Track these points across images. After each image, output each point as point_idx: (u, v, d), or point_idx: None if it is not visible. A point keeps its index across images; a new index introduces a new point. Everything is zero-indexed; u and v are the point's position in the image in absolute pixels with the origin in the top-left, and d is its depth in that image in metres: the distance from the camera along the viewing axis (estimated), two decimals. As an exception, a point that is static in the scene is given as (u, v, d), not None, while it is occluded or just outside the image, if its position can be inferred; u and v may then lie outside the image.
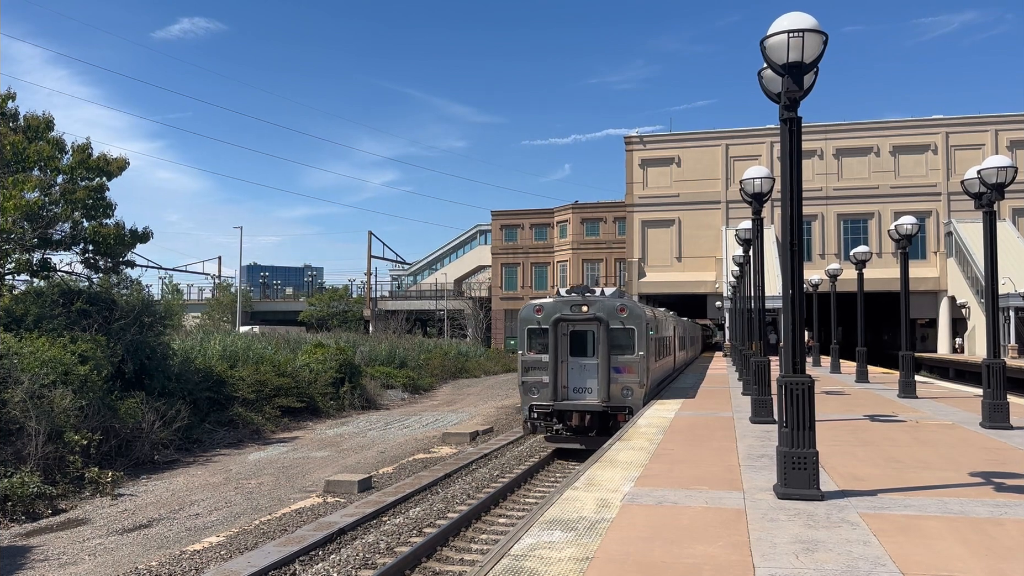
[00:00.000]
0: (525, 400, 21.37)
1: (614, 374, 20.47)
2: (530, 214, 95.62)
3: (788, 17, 8.90)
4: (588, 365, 21.04)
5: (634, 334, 20.60)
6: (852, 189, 68.20)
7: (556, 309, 21.09)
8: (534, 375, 21.08)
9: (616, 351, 20.54)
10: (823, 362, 40.91)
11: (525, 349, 21.34)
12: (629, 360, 20.51)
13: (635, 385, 20.48)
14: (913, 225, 21.91)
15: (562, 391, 21.02)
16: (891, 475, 10.57)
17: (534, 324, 21.31)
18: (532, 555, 6.96)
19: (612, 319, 20.58)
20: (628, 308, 20.90)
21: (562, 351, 21.04)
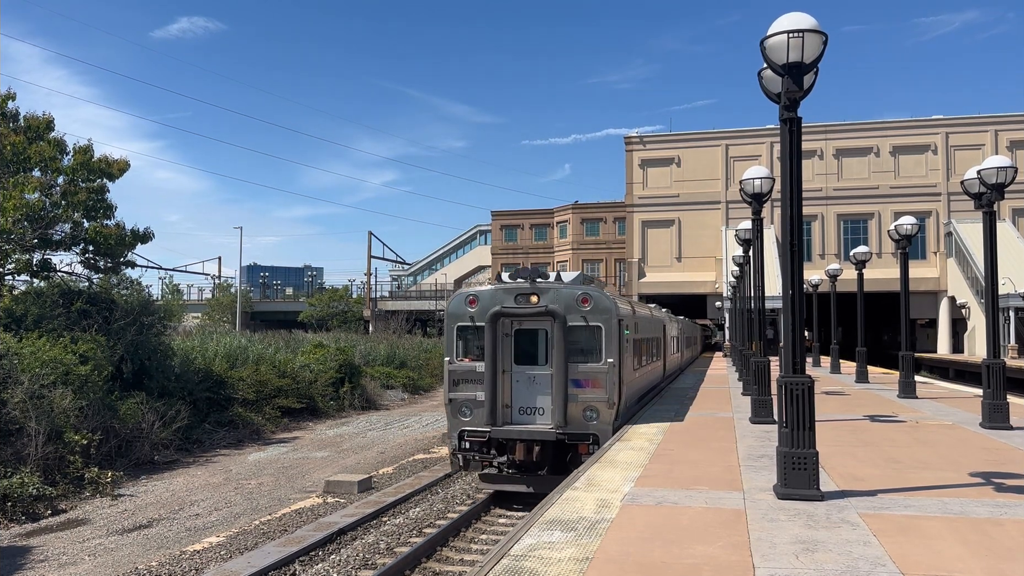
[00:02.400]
0: (453, 424, 15.78)
1: (573, 389, 15.23)
2: (530, 214, 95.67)
3: (788, 17, 8.91)
4: (539, 377, 15.65)
5: (601, 334, 15.31)
6: (852, 189, 68.21)
7: (495, 300, 15.62)
8: (465, 390, 15.66)
9: (576, 357, 15.36)
10: (823, 362, 40.92)
11: (454, 354, 15.90)
12: (594, 370, 15.22)
13: (601, 404, 15.14)
14: (913, 225, 21.91)
15: (503, 412, 15.60)
16: (891, 475, 10.57)
17: (466, 321, 15.92)
18: (532, 555, 6.96)
19: (571, 314, 15.32)
20: (593, 299, 15.46)
21: (503, 358, 15.64)
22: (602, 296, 15.69)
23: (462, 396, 15.72)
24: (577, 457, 14.82)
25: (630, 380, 17.13)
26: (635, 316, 18.64)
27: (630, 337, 17.23)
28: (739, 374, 29.27)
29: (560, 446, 15.31)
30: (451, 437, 15.89)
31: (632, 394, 17.76)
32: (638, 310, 20.50)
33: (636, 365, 18.42)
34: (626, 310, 17.16)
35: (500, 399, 15.51)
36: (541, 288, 15.59)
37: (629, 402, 17.26)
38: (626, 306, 17.77)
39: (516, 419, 15.78)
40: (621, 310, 16.08)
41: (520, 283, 15.80)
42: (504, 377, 15.72)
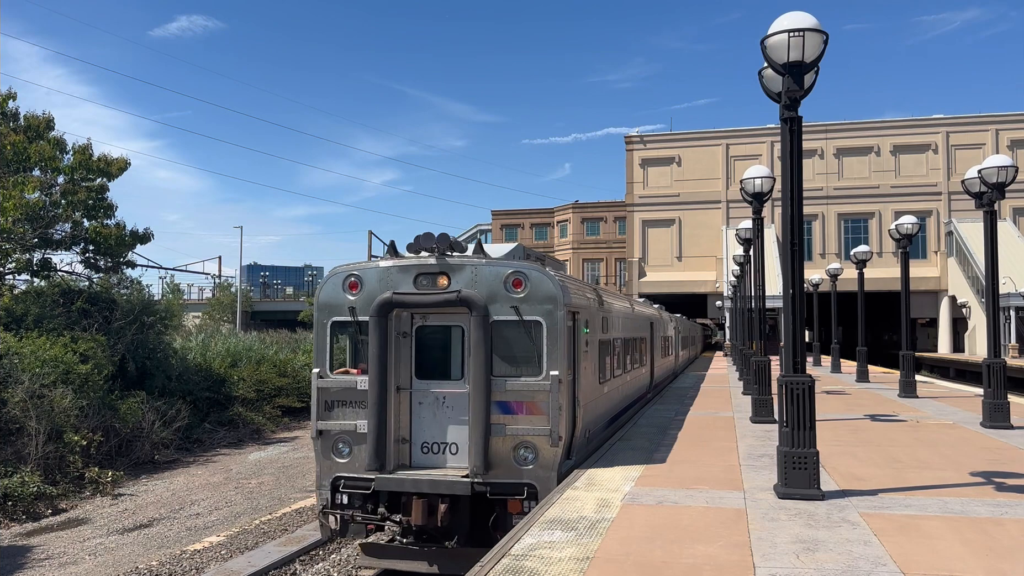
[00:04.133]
0: (324, 468, 10.81)
1: (500, 416, 10.37)
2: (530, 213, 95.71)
3: (789, 16, 8.90)
4: (450, 398, 10.82)
5: (541, 333, 10.39)
6: (852, 189, 68.20)
7: (386, 283, 10.75)
8: (342, 417, 10.77)
9: (506, 369, 10.49)
10: (823, 362, 40.92)
11: (326, 364, 10.94)
12: (530, 388, 10.32)
13: (541, 438, 10.25)
14: (913, 225, 21.91)
15: (397, 451, 10.75)
16: (892, 475, 10.57)
17: (344, 314, 10.92)
18: (532, 555, 6.96)
19: (497, 303, 10.44)
20: (530, 281, 10.45)
21: (398, 369, 10.85)
22: (543, 278, 10.40)
23: (337, 426, 10.66)
24: (506, 518, 10.11)
25: (592, 399, 12.42)
26: (602, 308, 13.60)
27: (592, 338, 12.49)
28: (739, 373, 29.28)
29: (479, 503, 10.27)
30: (321, 487, 10.75)
31: (597, 418, 13.05)
32: (609, 300, 15.09)
33: (604, 376, 13.73)
34: (585, 299, 12.10)
35: (392, 431, 10.54)
36: (452, 265, 10.54)
37: (592, 429, 12.53)
38: (587, 294, 12.70)
39: (417, 461, 10.79)
40: (574, 298, 11.01)
41: (423, 258, 10.69)
42: (399, 398, 10.75)
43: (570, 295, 10.81)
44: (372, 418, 10.36)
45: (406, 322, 10.96)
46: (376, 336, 10.47)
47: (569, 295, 10.75)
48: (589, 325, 12.22)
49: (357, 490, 10.58)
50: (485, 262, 10.61)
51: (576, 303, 11.18)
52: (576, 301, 11.20)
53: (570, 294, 10.85)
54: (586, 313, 11.99)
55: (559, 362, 10.28)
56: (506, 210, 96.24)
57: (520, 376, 10.33)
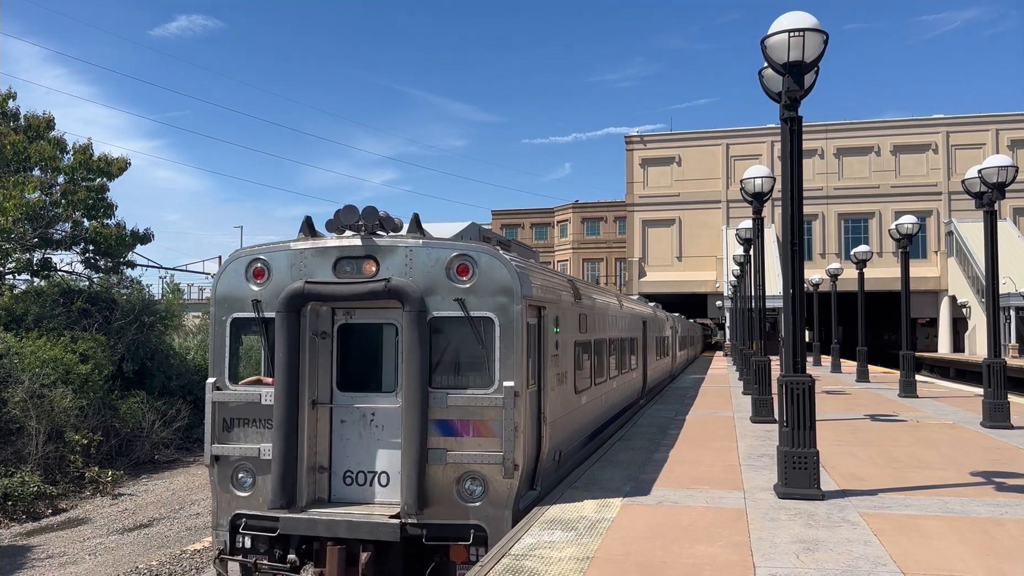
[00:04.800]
0: (222, 503, 8.86)
1: (440, 439, 8.40)
2: (530, 213, 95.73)
3: (789, 16, 8.90)
4: (380, 415, 8.85)
5: (493, 333, 8.41)
6: (853, 188, 68.21)
7: (299, 270, 8.78)
8: (244, 439, 8.81)
9: (448, 378, 8.61)
10: (823, 362, 40.93)
11: (224, 372, 8.93)
12: (477, 403, 8.35)
13: (491, 468, 8.26)
14: (914, 224, 21.92)
15: (311, 483, 8.76)
16: (892, 475, 10.57)
17: (246, 310, 8.94)
18: (532, 555, 6.95)
19: (438, 295, 8.49)
20: (479, 267, 8.47)
21: (314, 379, 8.87)
22: (496, 263, 8.38)
23: (237, 451, 8.66)
24: (447, 569, 8.28)
25: (565, 413, 10.43)
26: (579, 304, 11.66)
27: (566, 339, 10.56)
28: (740, 373, 29.29)
29: (413, 550, 8.30)
30: (217, 527, 8.80)
31: (573, 434, 11.10)
32: (591, 295, 13.08)
33: (583, 384, 11.84)
34: (554, 292, 10.06)
35: (305, 457, 8.51)
36: (382, 247, 8.54)
37: (566, 448, 10.61)
38: (558, 286, 10.53)
39: (339, 494, 8.75)
40: (538, 291, 9.03)
41: (346, 238, 8.70)
42: (316, 415, 8.75)
43: (532, 286, 8.74)
44: (278, 441, 8.25)
45: (326, 319, 8.88)
46: (284, 337, 8.35)
47: (530, 286, 8.66)
48: (561, 323, 10.24)
49: (262, 531, 8.49)
50: (423, 243, 8.48)
51: (541, 296, 9.21)
52: (541, 294, 9.22)
53: (532, 285, 8.76)
54: (556, 309, 9.98)
55: (516, 370, 8.20)
56: (506, 210, 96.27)
57: (466, 388, 8.29)
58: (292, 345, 8.45)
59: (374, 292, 8.37)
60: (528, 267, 9.25)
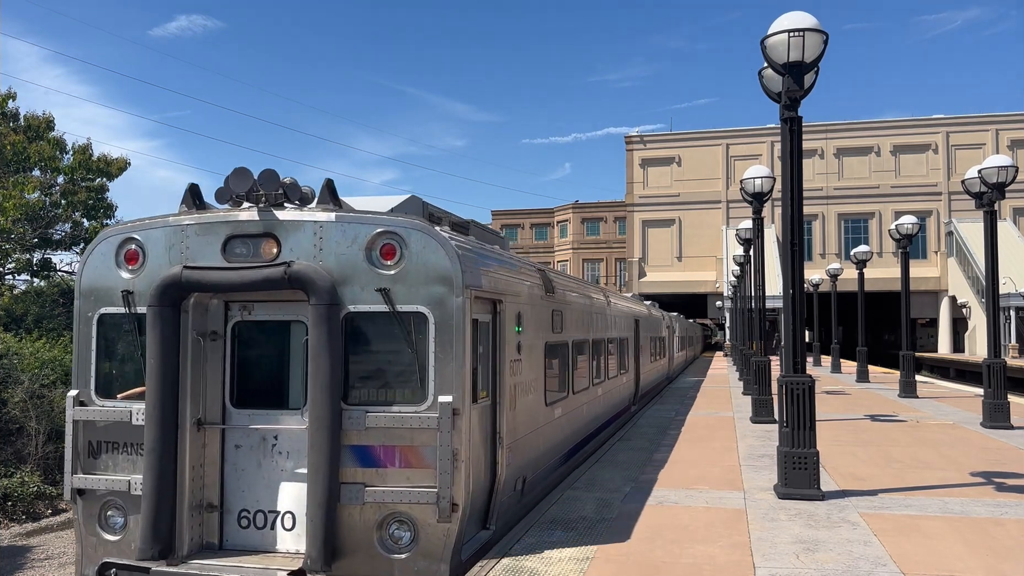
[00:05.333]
0: (87, 547, 7.10)
1: (354, 469, 6.63)
2: (530, 214, 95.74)
3: (788, 16, 8.90)
4: (284, 437, 7.00)
5: (427, 333, 6.63)
6: (852, 189, 68.20)
7: (181, 252, 6.97)
8: (111, 469, 7.05)
9: (367, 391, 6.79)
10: (823, 362, 40.93)
11: (89, 382, 7.17)
12: (405, 422, 6.55)
13: (423, 508, 6.47)
14: (914, 225, 21.93)
15: (202, 523, 6.96)
16: (892, 475, 10.57)
17: (115, 303, 7.17)
18: (532, 555, 6.95)
19: (354, 284, 6.70)
20: (408, 248, 6.66)
21: (200, 392, 7.03)
22: (431, 243, 6.66)
23: (104, 484, 6.99)
24: None
25: (532, 430, 8.75)
26: (551, 299, 9.89)
27: (534, 340, 8.92)
28: (740, 374, 29.29)
29: None
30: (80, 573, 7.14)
31: (543, 454, 9.40)
32: (568, 289, 11.34)
33: (559, 393, 10.21)
34: (516, 282, 8.37)
35: (187, 491, 6.79)
36: (285, 223, 6.81)
37: (534, 473, 8.89)
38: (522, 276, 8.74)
39: (233, 539, 6.99)
40: (490, 279, 7.41)
41: (240, 211, 6.95)
42: (204, 438, 6.98)
43: (481, 274, 7.06)
44: (149, 472, 6.54)
45: (217, 316, 7.03)
46: (158, 338, 6.62)
47: (478, 273, 6.96)
48: (526, 321, 8.55)
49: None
50: (336, 217, 6.68)
51: (496, 288, 7.48)
52: (496, 284, 7.49)
53: (481, 272, 7.07)
54: (518, 304, 8.28)
55: (455, 380, 6.46)
56: (506, 210, 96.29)
57: (391, 404, 6.53)
58: (168, 348, 6.62)
59: (270, 280, 6.51)
60: (478, 250, 7.40)
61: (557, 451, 10.21)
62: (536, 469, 9.02)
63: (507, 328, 7.80)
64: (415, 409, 6.49)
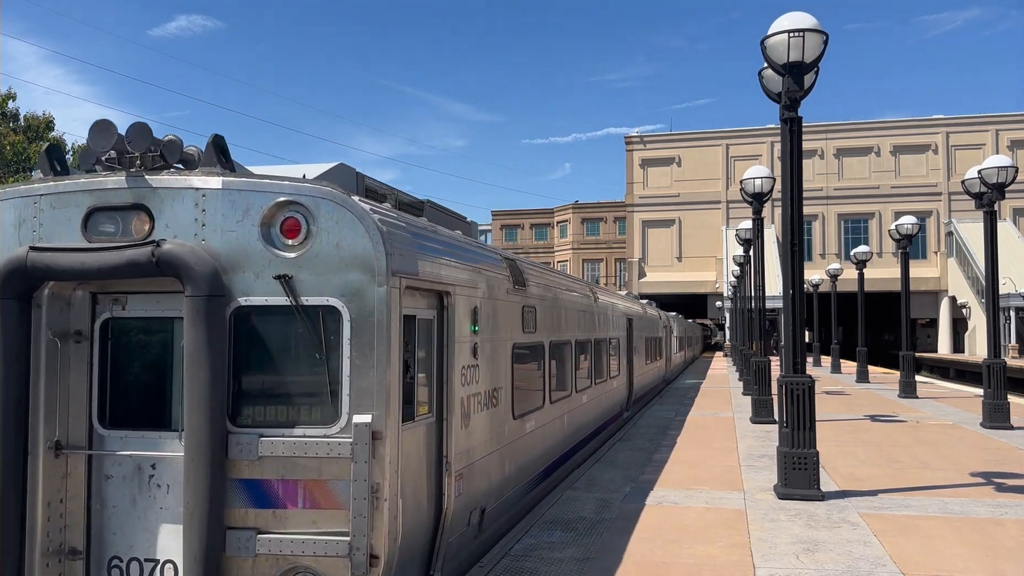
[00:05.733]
0: None
1: (243, 510, 5.09)
2: (530, 214, 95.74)
3: (788, 17, 8.91)
4: (163, 468, 5.38)
5: (340, 334, 5.13)
6: (852, 189, 68.22)
7: (33, 229, 5.48)
8: None
9: (262, 409, 5.26)
10: (823, 362, 40.94)
11: None
12: (310, 449, 5.05)
13: (331, 562, 4.96)
14: (913, 225, 21.95)
15: (51, 573, 5.30)
16: (892, 475, 10.57)
17: None
18: (532, 555, 6.95)
19: (246, 271, 5.20)
20: (317, 222, 5.16)
21: (55, 408, 5.42)
22: (346, 215, 5.21)
23: None
24: None
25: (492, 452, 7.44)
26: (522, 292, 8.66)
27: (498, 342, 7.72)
28: (739, 374, 29.30)
29: None
30: None
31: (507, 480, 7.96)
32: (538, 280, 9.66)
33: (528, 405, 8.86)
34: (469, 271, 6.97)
35: (40, 533, 5.33)
36: (159, 192, 5.41)
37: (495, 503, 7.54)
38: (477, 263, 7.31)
39: None
40: (425, 262, 5.92)
41: (104, 177, 5.60)
42: (63, 467, 5.51)
43: (418, 258, 5.68)
44: None
45: (81, 312, 5.57)
46: None
47: (414, 258, 5.60)
48: (485, 318, 7.21)
49: None
50: (223, 184, 5.28)
51: (443, 277, 6.18)
52: (443, 273, 6.19)
53: (419, 257, 5.69)
54: (475, 298, 6.94)
55: (378, 394, 5.06)
56: (506, 210, 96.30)
57: (292, 426, 5.13)
58: (13, 352, 5.26)
59: (135, 264, 5.12)
60: (416, 230, 6.00)
61: (530, 471, 8.90)
62: (500, 496, 7.68)
63: (458, 327, 6.46)
64: (324, 432, 5.05)
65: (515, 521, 8.25)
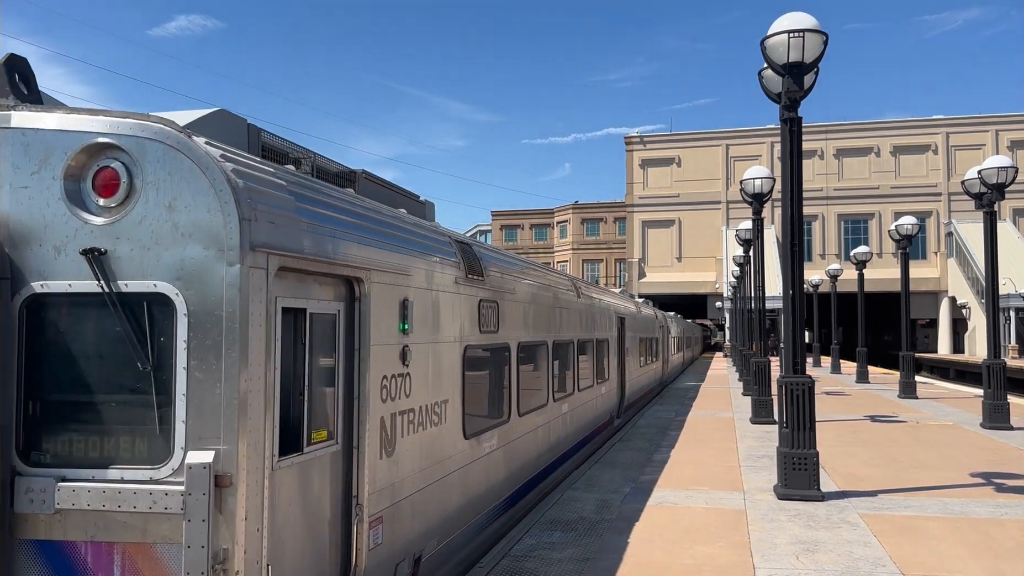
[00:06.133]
0: None
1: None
2: (530, 214, 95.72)
3: (788, 17, 8.91)
4: None
5: (171, 329, 3.73)
6: (852, 189, 68.21)
7: None
8: None
9: (64, 438, 3.79)
10: (823, 362, 40.93)
11: None
12: (128, 500, 3.65)
13: None
14: (913, 225, 21.96)
15: None
16: (891, 475, 10.57)
17: None
18: (532, 555, 6.95)
19: (42, 243, 3.81)
20: (142, 172, 3.76)
21: None
22: (185, 163, 3.75)
23: None
24: None
25: (425, 488, 5.93)
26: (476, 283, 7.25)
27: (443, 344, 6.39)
28: (739, 374, 29.29)
29: None
30: None
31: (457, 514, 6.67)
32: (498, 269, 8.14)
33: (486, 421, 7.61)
34: (384, 247, 5.31)
35: None
36: None
37: (436, 546, 6.20)
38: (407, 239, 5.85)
39: None
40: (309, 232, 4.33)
41: None
42: None
43: (302, 229, 4.30)
44: None
45: None
46: None
47: (296, 227, 4.23)
48: (419, 315, 5.78)
49: None
50: (14, 122, 3.94)
51: (350, 256, 4.76)
52: (349, 250, 4.77)
53: (302, 226, 4.31)
54: (403, 287, 5.51)
55: (228, 418, 3.70)
56: (506, 211, 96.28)
57: (106, 465, 3.76)
58: None
59: None
60: (300, 188, 4.49)
61: (488, 500, 7.44)
62: (445, 536, 6.29)
63: (377, 325, 5.06)
64: (150, 475, 3.66)
65: (469, 565, 6.73)
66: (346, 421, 4.80)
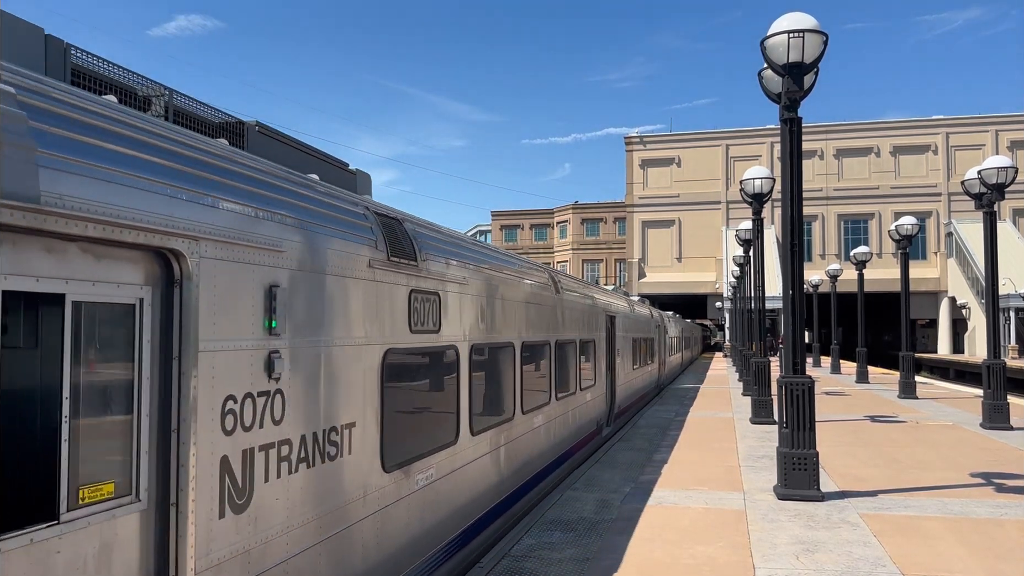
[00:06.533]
0: None
1: None
2: (530, 214, 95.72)
3: (788, 17, 8.91)
4: None
5: None
6: (852, 189, 68.22)
7: None
8: None
9: None
10: (823, 362, 40.93)
11: None
12: None
13: None
14: (913, 225, 21.96)
15: None
16: (891, 475, 10.57)
17: None
18: (532, 555, 6.95)
19: None
20: None
21: None
22: None
23: None
24: None
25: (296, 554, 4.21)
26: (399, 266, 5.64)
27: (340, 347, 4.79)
28: (739, 374, 29.29)
29: None
30: None
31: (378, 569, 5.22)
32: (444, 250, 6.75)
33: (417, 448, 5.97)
34: (214, 207, 3.64)
35: None
36: None
37: None
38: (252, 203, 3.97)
39: None
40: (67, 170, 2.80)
41: None
42: None
43: (48, 158, 2.76)
44: None
45: None
46: None
47: (30, 164, 2.67)
48: (300, 307, 4.38)
49: None
50: None
51: (155, 217, 3.26)
52: (155, 204, 3.28)
53: (44, 153, 2.75)
54: (270, 267, 4.09)
55: None
56: (506, 211, 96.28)
57: None
58: None
59: None
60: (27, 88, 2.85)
61: (425, 545, 6.02)
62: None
63: (215, 319, 3.64)
64: None
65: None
66: (160, 465, 3.35)
